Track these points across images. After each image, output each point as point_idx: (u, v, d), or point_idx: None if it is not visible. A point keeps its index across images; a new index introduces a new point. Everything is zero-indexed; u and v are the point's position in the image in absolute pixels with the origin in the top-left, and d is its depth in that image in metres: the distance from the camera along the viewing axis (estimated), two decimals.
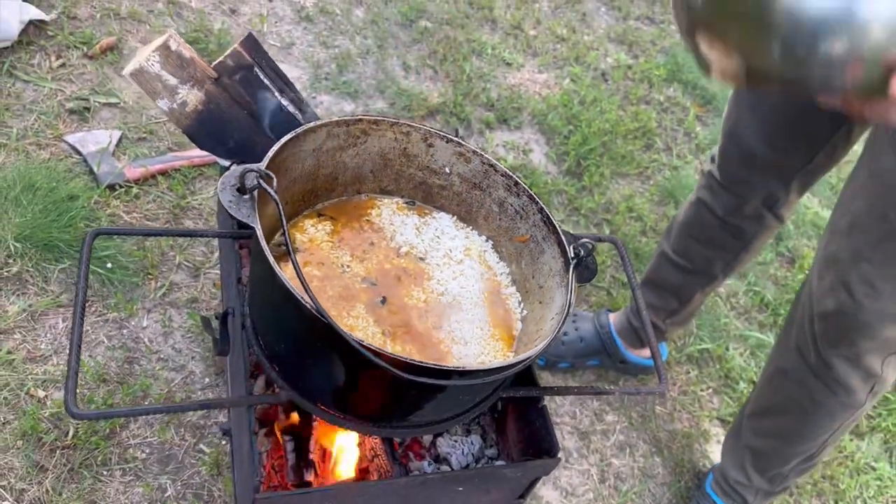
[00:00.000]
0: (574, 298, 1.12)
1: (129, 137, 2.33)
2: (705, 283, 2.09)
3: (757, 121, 1.69)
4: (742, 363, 2.54)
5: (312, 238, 1.25)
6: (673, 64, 3.48)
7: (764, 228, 1.92)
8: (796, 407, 1.71)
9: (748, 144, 1.73)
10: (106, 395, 1.84)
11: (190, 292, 2.08)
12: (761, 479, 1.91)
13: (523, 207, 1.28)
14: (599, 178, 2.87)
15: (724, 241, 1.96)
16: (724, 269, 2.04)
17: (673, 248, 2.06)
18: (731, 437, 2.01)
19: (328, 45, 2.92)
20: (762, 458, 1.88)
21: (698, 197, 1.96)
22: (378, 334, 1.16)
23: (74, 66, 2.43)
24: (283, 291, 0.94)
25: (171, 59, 1.24)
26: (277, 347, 1.10)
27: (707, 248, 2.00)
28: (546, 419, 1.22)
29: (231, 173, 1.03)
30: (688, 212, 2.01)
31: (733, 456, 1.97)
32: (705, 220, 1.95)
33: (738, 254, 1.99)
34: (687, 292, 2.11)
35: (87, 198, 2.11)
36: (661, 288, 2.12)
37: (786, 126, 1.65)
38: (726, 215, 1.90)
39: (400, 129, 1.27)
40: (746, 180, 1.82)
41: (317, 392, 1.10)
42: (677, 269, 2.06)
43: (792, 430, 1.77)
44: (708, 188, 1.92)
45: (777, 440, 1.83)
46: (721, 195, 1.88)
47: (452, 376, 0.98)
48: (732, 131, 1.77)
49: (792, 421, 1.75)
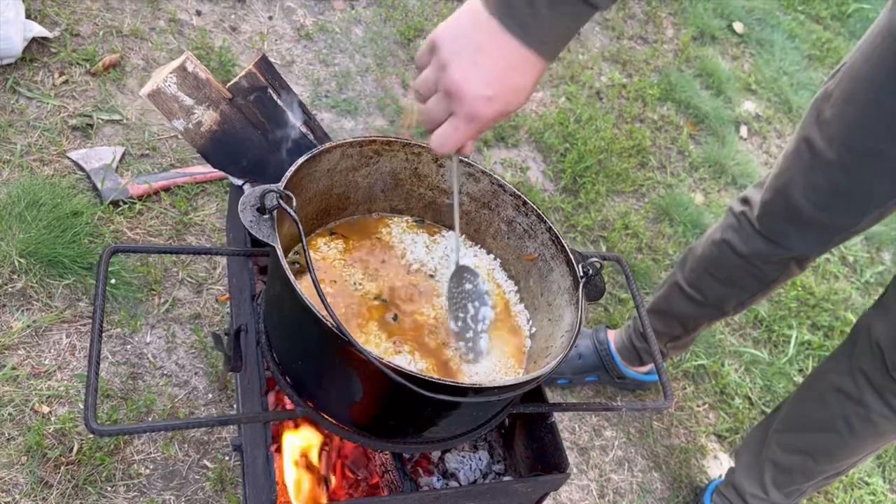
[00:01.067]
0: (584, 316, 1.14)
1: (132, 154, 2.34)
2: (714, 315, 2.10)
3: (810, 186, 1.67)
4: (737, 379, 2.57)
5: (325, 256, 1.28)
6: (666, 83, 3.53)
7: (786, 276, 1.92)
8: (844, 426, 1.74)
9: (797, 202, 1.71)
10: (110, 410, 1.84)
11: (193, 308, 2.09)
12: (779, 493, 1.94)
13: (531, 227, 1.31)
14: (595, 195, 2.91)
15: (744, 282, 1.95)
16: (736, 306, 2.05)
17: (687, 280, 2.05)
18: (748, 451, 2.03)
19: (328, 63, 2.95)
20: (786, 474, 1.91)
21: (724, 238, 1.92)
22: (391, 349, 1.18)
23: (77, 83, 2.45)
24: (303, 309, 0.96)
25: (187, 80, 1.26)
26: (294, 364, 1.12)
27: (724, 286, 1.99)
28: (555, 434, 1.25)
29: (252, 193, 1.05)
30: (709, 249, 1.98)
31: (751, 470, 2.00)
32: (728, 260, 1.93)
33: (753, 294, 1.99)
34: (694, 322, 2.12)
35: (90, 214, 2.12)
36: (669, 316, 2.12)
37: (839, 194, 1.65)
38: (752, 258, 1.88)
39: (411, 150, 1.30)
40: (787, 234, 1.80)
41: (332, 408, 1.11)
42: (689, 301, 2.06)
43: (829, 448, 1.80)
44: (737, 230, 1.89)
45: (807, 457, 1.85)
46: (753, 241, 1.85)
47: (468, 393, 1.00)
48: (782, 189, 1.74)
49: (832, 440, 1.78)
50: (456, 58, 0.93)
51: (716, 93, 3.65)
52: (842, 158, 1.58)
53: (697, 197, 3.14)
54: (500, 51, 0.92)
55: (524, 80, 0.94)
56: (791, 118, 3.78)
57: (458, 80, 0.92)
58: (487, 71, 0.92)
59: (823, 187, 1.65)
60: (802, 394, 1.88)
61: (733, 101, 3.67)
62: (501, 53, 0.92)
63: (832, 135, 1.58)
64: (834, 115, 1.58)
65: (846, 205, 1.66)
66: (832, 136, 1.58)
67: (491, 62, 0.92)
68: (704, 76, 3.70)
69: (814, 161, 1.64)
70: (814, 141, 1.63)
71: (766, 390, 2.58)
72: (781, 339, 2.75)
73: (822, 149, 1.61)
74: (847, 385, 1.72)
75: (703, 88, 3.65)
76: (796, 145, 1.70)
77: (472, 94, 0.93)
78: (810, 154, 1.64)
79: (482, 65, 0.92)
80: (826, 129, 1.60)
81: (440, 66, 0.94)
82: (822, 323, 2.86)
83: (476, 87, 0.92)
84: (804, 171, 1.67)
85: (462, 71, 0.92)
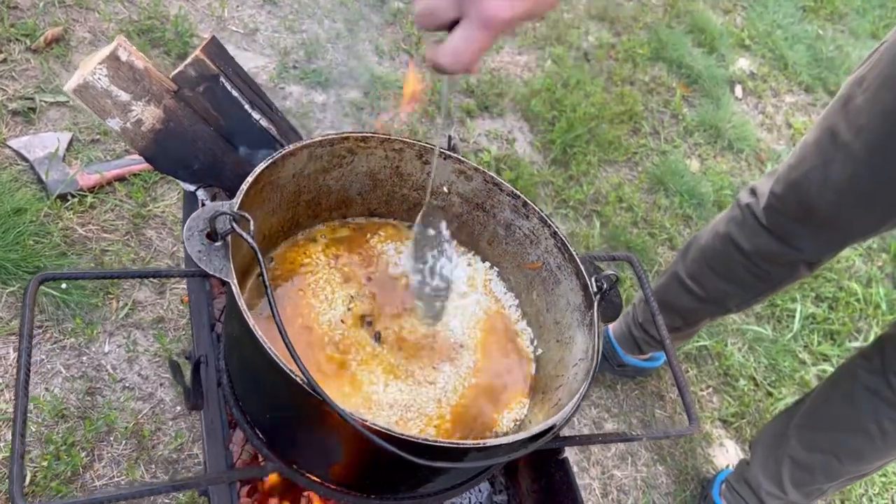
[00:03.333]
0: (601, 344, 0.97)
1: (81, 140, 2.12)
2: (716, 312, 1.95)
3: (829, 182, 1.49)
4: (741, 359, 2.44)
5: (296, 268, 1.09)
6: (656, 41, 3.33)
7: (793, 278, 1.75)
8: (876, 429, 1.60)
9: (812, 201, 1.53)
10: (66, 433, 1.66)
11: (156, 311, 1.91)
12: (798, 492, 1.81)
13: (533, 231, 1.13)
14: (587, 166, 2.73)
15: (747, 281, 1.79)
16: (738, 304, 1.89)
17: (688, 272, 1.89)
18: (765, 445, 1.88)
19: (295, 30, 2.72)
20: (807, 473, 1.77)
21: (728, 232, 1.76)
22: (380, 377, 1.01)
23: (17, 62, 2.20)
24: (269, 363, 0.79)
25: (121, 71, 1.06)
26: (261, 416, 0.94)
27: (726, 283, 1.82)
28: (568, 472, 1.09)
29: (199, 216, 0.86)
30: (711, 242, 1.82)
31: (769, 466, 1.85)
32: (731, 256, 1.76)
33: (757, 295, 1.84)
34: (694, 317, 1.96)
35: (35, 210, 1.91)
36: (669, 308, 1.96)
37: (861, 195, 1.46)
38: (757, 258, 1.72)
39: (391, 146, 1.11)
40: (797, 233, 1.62)
41: (309, 464, 0.95)
42: (689, 294, 1.90)
43: (857, 450, 1.67)
44: (742, 225, 1.72)
45: (832, 457, 1.71)
46: (759, 238, 1.68)
47: (469, 453, 0.83)
48: (796, 184, 1.56)
49: (862, 441, 1.64)
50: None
51: (708, 50, 3.45)
52: (870, 153, 1.39)
53: (693, 164, 2.97)
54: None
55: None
56: (786, 75, 3.60)
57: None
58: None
59: (844, 185, 1.46)
60: (828, 391, 1.74)
61: (727, 59, 3.48)
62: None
63: (862, 125, 1.39)
64: (866, 103, 1.38)
65: (868, 207, 1.48)
66: (861, 126, 1.39)
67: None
68: (696, 32, 3.50)
69: (837, 154, 1.45)
70: (839, 131, 1.44)
71: (771, 369, 2.45)
72: (785, 314, 2.61)
73: (848, 141, 1.42)
74: (880, 387, 1.58)
75: (695, 46, 3.45)
76: (818, 135, 1.51)
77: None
78: (833, 146, 1.46)
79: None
80: (855, 117, 1.41)
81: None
82: (826, 294, 2.73)
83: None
84: (824, 165, 1.49)
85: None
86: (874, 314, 2.72)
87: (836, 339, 2.61)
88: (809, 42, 3.78)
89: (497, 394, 1.08)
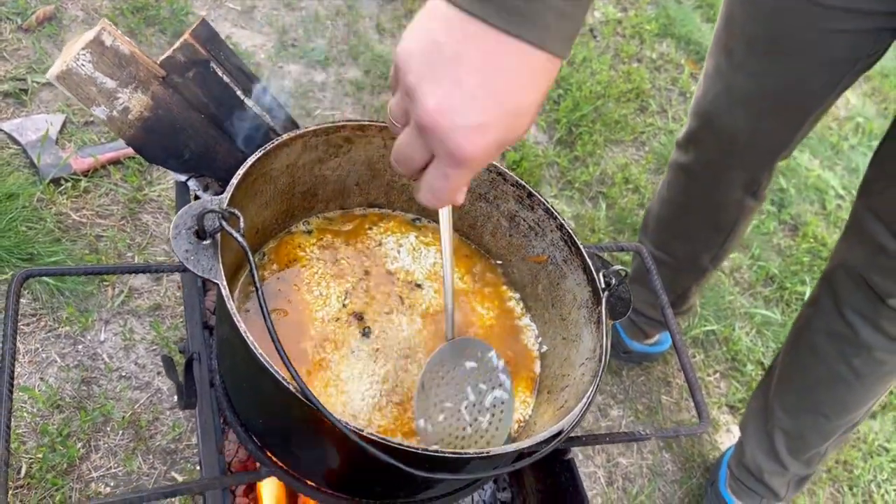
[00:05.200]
0: (609, 343, 0.93)
1: (74, 122, 2.07)
2: (696, 275, 1.93)
3: (735, 98, 1.50)
4: (749, 343, 2.39)
5: (290, 260, 1.05)
6: (664, 17, 3.25)
7: (745, 213, 1.75)
8: (849, 372, 1.55)
9: (725, 125, 1.54)
10: (61, 424, 1.63)
11: (152, 298, 1.87)
12: (798, 462, 1.77)
13: (538, 222, 1.08)
14: (593, 146, 2.67)
15: (706, 235, 1.80)
16: (711, 260, 1.88)
17: (653, 244, 1.89)
18: (752, 422, 1.85)
19: (293, 7, 2.65)
20: (800, 440, 1.73)
21: (669, 195, 1.78)
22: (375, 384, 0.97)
23: (8, 42, 2.15)
24: (259, 368, 0.75)
25: (106, 56, 1.01)
26: (254, 420, 0.91)
27: (687, 243, 1.84)
28: (574, 473, 1.05)
29: (185, 213, 0.82)
30: (660, 209, 1.84)
31: (762, 444, 1.81)
32: (681, 217, 1.78)
33: (722, 244, 1.83)
34: (679, 286, 1.95)
35: (28, 195, 1.87)
36: (648, 287, 1.91)
37: (771, 103, 1.47)
38: (703, 209, 1.74)
39: (390, 134, 1.06)
40: (725, 166, 1.63)
41: (305, 469, 0.91)
42: (662, 265, 1.88)
43: (838, 399, 1.62)
44: (676, 181, 1.75)
45: (818, 415, 1.67)
46: (692, 187, 1.71)
47: (472, 463, 0.79)
48: (708, 112, 1.57)
49: (840, 390, 1.59)
50: (427, 79, 0.63)
51: None
52: (764, 60, 1.40)
53: None
54: (491, 57, 0.62)
55: (530, 94, 0.64)
56: None
57: (432, 110, 0.63)
58: (475, 89, 0.62)
59: (750, 100, 1.47)
60: (791, 350, 1.69)
61: None
62: (493, 60, 0.62)
63: (752, 35, 1.40)
64: (750, 10, 1.38)
65: (777, 116, 1.48)
66: (752, 36, 1.40)
67: (479, 76, 0.62)
68: (705, 7, 3.42)
69: (736, 73, 1.46)
70: (732, 49, 1.44)
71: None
72: (794, 297, 2.57)
73: (742, 55, 1.43)
74: (839, 326, 1.52)
75: (704, 21, 3.37)
76: (715, 59, 1.51)
77: (455, 126, 0.63)
78: (730, 65, 1.46)
79: (466, 82, 0.62)
80: (745, 29, 1.41)
81: (408, 90, 0.64)
82: None
83: (461, 116, 0.62)
84: (728, 86, 1.49)
85: (437, 96, 0.62)
86: None
87: None
88: None
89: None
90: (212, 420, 1.00)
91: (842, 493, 2.17)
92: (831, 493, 2.16)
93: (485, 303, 1.12)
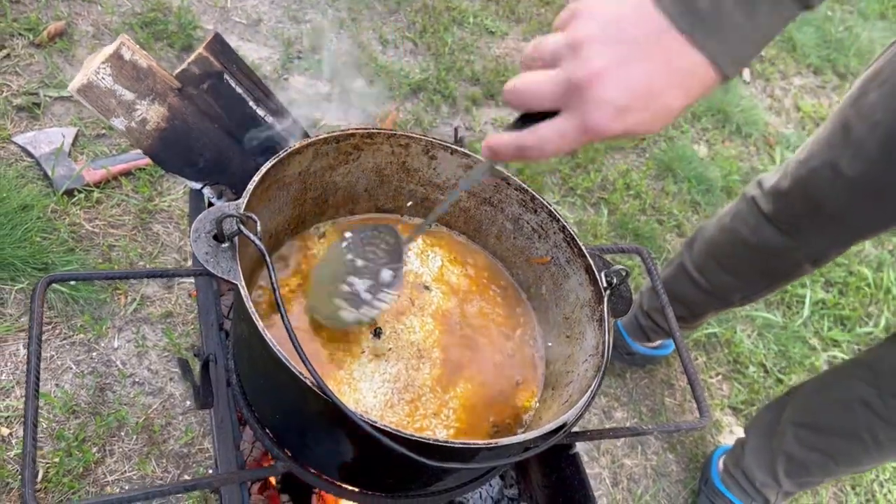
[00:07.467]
0: (611, 339, 0.97)
1: (86, 135, 2.12)
2: (720, 305, 1.93)
3: (839, 178, 1.45)
4: (751, 346, 2.43)
5: (303, 262, 1.09)
6: None
7: (797, 275, 1.74)
8: (870, 438, 1.58)
9: (820, 197, 1.50)
10: (77, 429, 1.67)
11: (164, 306, 1.91)
12: (791, 482, 1.80)
13: (542, 225, 1.12)
14: (594, 153, 2.71)
15: (751, 276, 1.78)
16: (741, 299, 1.88)
17: (694, 263, 1.88)
18: (758, 435, 1.87)
19: (298, 20, 2.70)
20: (803, 468, 1.76)
21: (733, 225, 1.74)
22: (387, 382, 1.00)
23: (20, 57, 2.20)
24: (276, 363, 0.78)
25: (125, 70, 1.05)
26: (271, 416, 0.94)
27: (730, 276, 1.81)
28: (578, 467, 1.09)
29: (205, 218, 0.86)
30: (716, 234, 1.80)
31: (762, 457, 1.85)
32: (737, 251, 1.74)
33: (761, 290, 1.83)
34: (699, 308, 1.96)
35: (42, 207, 1.91)
36: (675, 298, 1.94)
37: (872, 193, 1.43)
38: (763, 253, 1.70)
39: (398, 142, 1.10)
40: (802, 230, 1.60)
41: (320, 463, 0.94)
42: (694, 286, 1.89)
43: (852, 454, 1.65)
44: (748, 219, 1.70)
45: (828, 458, 1.70)
46: (765, 232, 1.66)
47: (480, 453, 0.83)
48: (805, 178, 1.53)
49: (857, 448, 1.63)
50: (602, 42, 0.65)
51: None
52: (883, 150, 1.36)
53: (701, 149, 2.95)
54: (665, 55, 0.65)
55: (678, 100, 0.67)
56: (795, 57, 3.56)
57: (593, 71, 0.65)
58: (637, 76, 0.65)
59: (855, 182, 1.43)
60: (822, 390, 1.71)
61: None
62: (665, 58, 0.65)
63: (877, 121, 1.35)
64: (881, 98, 1.34)
65: (878, 205, 1.44)
66: (876, 122, 1.36)
67: (646, 67, 0.65)
68: None
69: (848, 150, 1.42)
70: (852, 127, 1.41)
71: (780, 356, 2.44)
72: (795, 300, 2.60)
73: (861, 136, 1.39)
74: (875, 403, 1.55)
75: None
76: (830, 130, 1.48)
77: (602, 98, 0.65)
78: (845, 142, 1.42)
79: (633, 66, 0.65)
80: (869, 113, 1.37)
81: (574, 43, 0.66)
82: (837, 279, 2.71)
83: (613, 92, 0.65)
84: (835, 160, 1.45)
85: (604, 62, 0.64)
86: (885, 299, 2.70)
87: (846, 325, 2.59)
88: (818, 23, 3.73)
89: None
90: (228, 418, 1.03)
91: (844, 492, 2.19)
92: (834, 492, 2.19)
93: (490, 303, 1.16)
